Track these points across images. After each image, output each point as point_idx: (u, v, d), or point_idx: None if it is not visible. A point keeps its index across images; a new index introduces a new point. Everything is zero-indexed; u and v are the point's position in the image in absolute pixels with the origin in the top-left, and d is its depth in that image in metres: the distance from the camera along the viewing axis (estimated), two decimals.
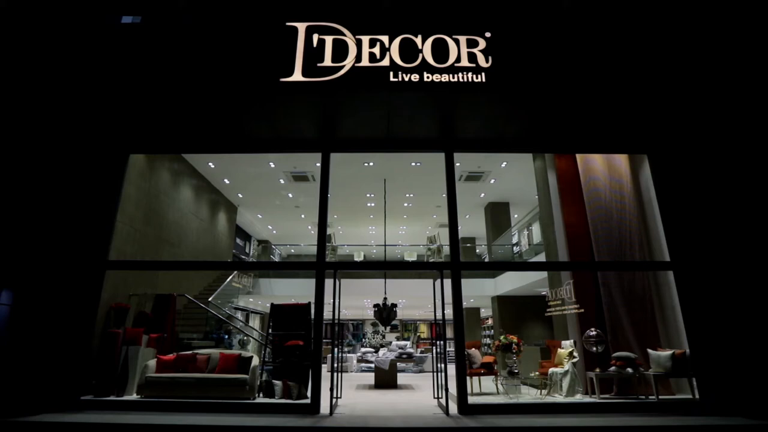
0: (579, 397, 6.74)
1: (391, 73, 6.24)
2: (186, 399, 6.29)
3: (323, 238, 6.85)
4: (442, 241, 14.95)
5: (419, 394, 8.54)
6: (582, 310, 7.65)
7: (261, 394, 6.80)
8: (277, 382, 6.73)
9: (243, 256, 16.32)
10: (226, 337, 10.88)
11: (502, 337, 7.50)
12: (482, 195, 13.30)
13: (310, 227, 16.57)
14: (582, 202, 8.21)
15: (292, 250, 20.83)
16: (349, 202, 13.86)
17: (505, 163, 10.76)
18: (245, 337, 11.62)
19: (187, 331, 9.36)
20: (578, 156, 8.39)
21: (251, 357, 7.00)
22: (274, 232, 17.73)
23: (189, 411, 6.06)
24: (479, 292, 13.82)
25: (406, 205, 14.01)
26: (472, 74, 6.25)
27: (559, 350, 7.29)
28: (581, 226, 8.09)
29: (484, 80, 6.23)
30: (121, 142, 7.33)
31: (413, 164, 10.56)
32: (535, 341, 10.40)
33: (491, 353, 8.94)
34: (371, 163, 10.64)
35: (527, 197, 13.10)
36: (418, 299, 15.80)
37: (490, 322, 19.97)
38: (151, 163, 8.98)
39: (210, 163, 10.92)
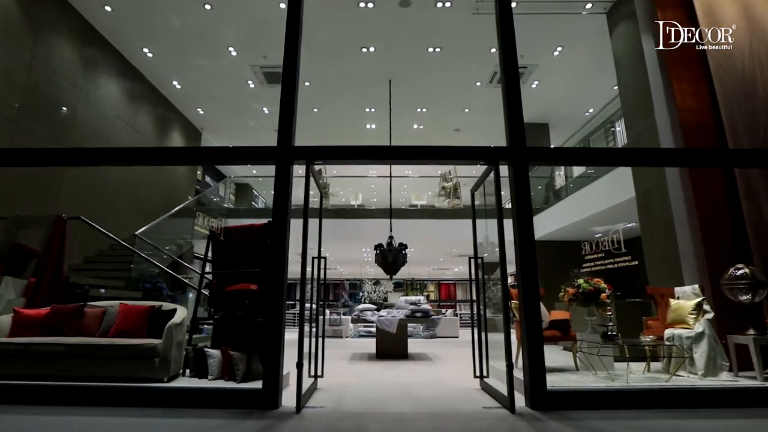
0: (726, 377, 3.99)
1: None
2: (51, 381, 3.56)
3: (290, 106, 3.92)
4: (459, 174, 11.96)
5: (442, 368, 5.84)
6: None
7: (187, 372, 4.08)
8: (213, 352, 3.97)
9: (216, 199, 13.36)
10: (182, 292, 8.08)
11: (581, 281, 4.68)
12: None
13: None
14: (703, 76, 5.27)
15: None
16: (341, 123, 10.80)
17: (560, 48, 7.65)
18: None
19: (108, 277, 6.55)
20: (697, 4, 5.36)
21: (174, 310, 4.21)
22: (254, 171, 14.71)
23: (49, 403, 3.35)
24: (510, 235, 10.93)
25: (415, 126, 10.96)
26: None
27: (679, 302, 4.48)
28: (704, 111, 5.17)
29: None
30: None
31: (430, 50, 7.47)
32: None
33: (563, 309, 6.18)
34: (372, 49, 7.55)
35: (575, 113, 10.10)
36: (431, 247, 13.00)
37: (511, 280, 17.24)
38: (36, 25, 5.93)
39: (145, 49, 7.78)
